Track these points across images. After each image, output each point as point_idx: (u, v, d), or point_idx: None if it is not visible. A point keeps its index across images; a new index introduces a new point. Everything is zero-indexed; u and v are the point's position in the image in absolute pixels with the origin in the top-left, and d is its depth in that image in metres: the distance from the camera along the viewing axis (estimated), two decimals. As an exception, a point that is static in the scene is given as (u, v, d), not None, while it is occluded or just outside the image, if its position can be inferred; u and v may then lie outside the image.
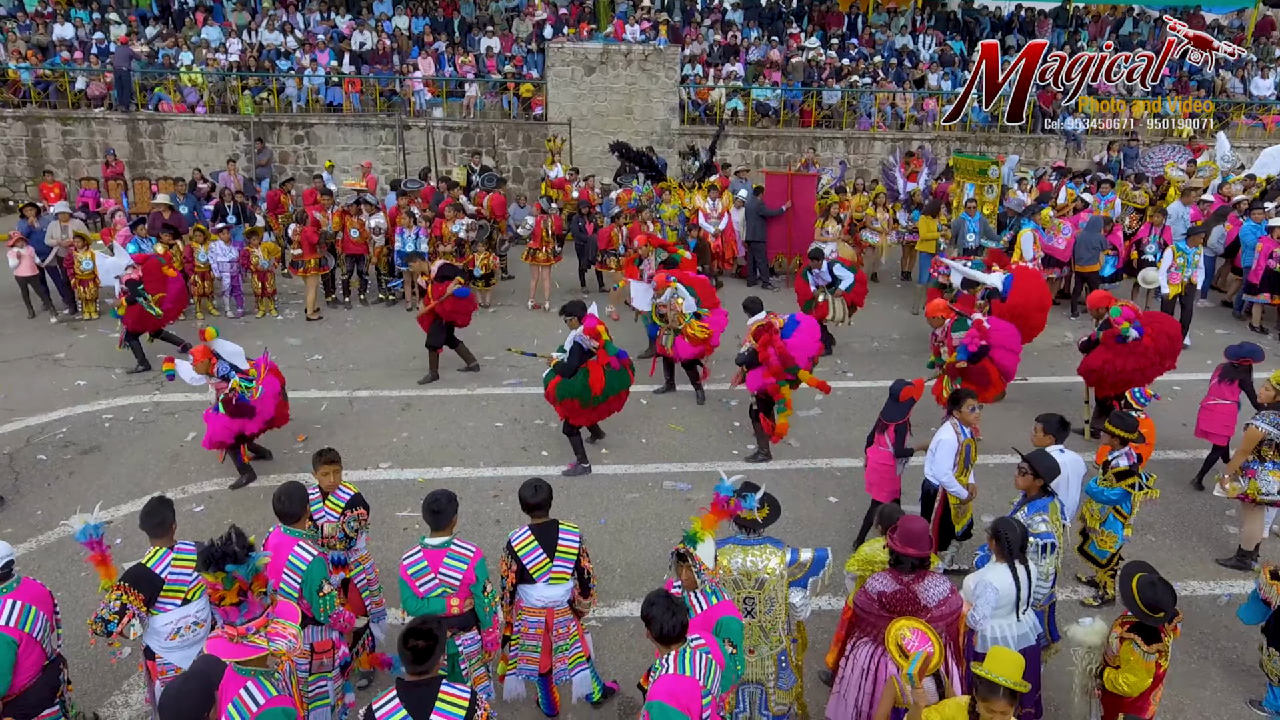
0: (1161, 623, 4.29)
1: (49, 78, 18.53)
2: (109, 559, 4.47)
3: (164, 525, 4.55)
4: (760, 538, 4.57)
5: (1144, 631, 4.32)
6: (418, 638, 3.48)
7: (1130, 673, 4.32)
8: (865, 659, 4.46)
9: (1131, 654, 4.29)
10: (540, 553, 4.78)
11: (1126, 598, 4.35)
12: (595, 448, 8.68)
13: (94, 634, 4.22)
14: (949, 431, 6.02)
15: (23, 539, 7.02)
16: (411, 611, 4.58)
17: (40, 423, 9.05)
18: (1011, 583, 4.50)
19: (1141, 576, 4.34)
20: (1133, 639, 4.30)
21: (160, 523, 4.54)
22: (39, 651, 4.13)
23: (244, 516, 7.30)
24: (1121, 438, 6.14)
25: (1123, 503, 6.13)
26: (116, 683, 5.49)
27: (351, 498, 5.25)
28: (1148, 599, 4.27)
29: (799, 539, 6.61)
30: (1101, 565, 6.30)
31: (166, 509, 4.61)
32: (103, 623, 4.19)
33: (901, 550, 4.41)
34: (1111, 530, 6.18)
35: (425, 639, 3.48)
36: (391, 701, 3.45)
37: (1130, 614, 4.40)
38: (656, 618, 3.68)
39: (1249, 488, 6.59)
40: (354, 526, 5.10)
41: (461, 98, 19.50)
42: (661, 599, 3.74)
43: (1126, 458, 6.13)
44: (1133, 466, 6.14)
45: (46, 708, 4.17)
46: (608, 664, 5.67)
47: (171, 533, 4.59)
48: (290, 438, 8.78)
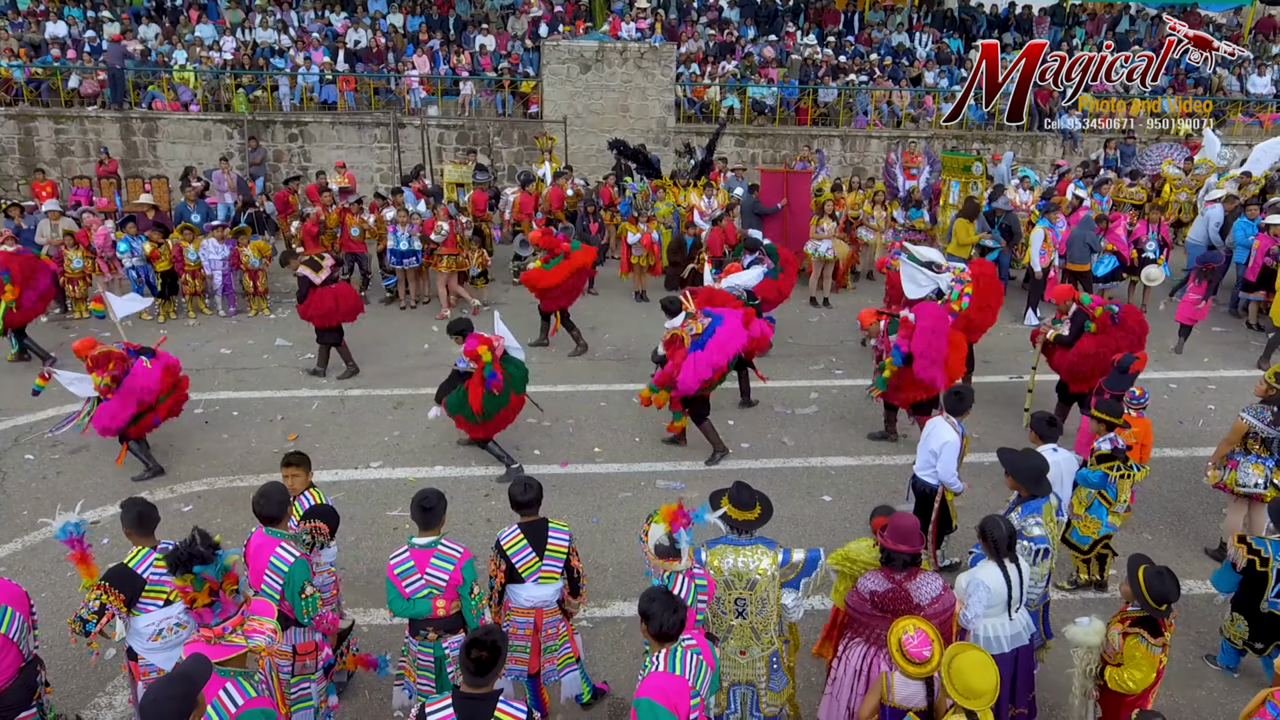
0: (1165, 615, 4.26)
1: (41, 76, 18.43)
2: (90, 558, 4.40)
3: (145, 525, 4.48)
4: (752, 538, 4.50)
5: (1148, 625, 4.29)
6: (480, 649, 3.31)
7: (1136, 669, 4.28)
8: (858, 660, 4.40)
9: (1138, 649, 4.25)
10: (529, 551, 4.71)
11: (1134, 590, 4.32)
12: (588, 446, 8.62)
13: (74, 633, 4.15)
14: (949, 431, 5.96)
15: (8, 539, 6.96)
16: (397, 613, 4.52)
17: (28, 422, 8.98)
18: (1003, 581, 4.45)
19: (1147, 568, 4.32)
20: (1139, 633, 4.26)
21: (142, 522, 4.48)
22: (15, 652, 4.05)
23: (232, 516, 7.24)
24: (1108, 423, 6.20)
25: (1105, 487, 6.13)
26: (100, 684, 5.42)
27: (310, 509, 5.06)
28: (1155, 590, 4.24)
29: (793, 538, 6.55)
30: (1082, 551, 6.29)
31: (148, 508, 4.55)
32: (81, 622, 4.13)
33: (893, 548, 4.36)
34: (1095, 516, 6.18)
35: (489, 650, 3.32)
36: (445, 710, 3.33)
37: (1131, 609, 4.35)
38: (656, 614, 3.61)
39: (1227, 478, 6.64)
40: (305, 540, 4.75)
41: (457, 96, 19.42)
42: (661, 595, 3.68)
43: (1110, 442, 6.17)
44: (1115, 450, 6.16)
45: (24, 710, 4.08)
46: (598, 665, 5.61)
47: (154, 533, 4.53)
48: (281, 436, 8.72)
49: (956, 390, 6.26)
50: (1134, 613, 4.38)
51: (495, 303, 12.89)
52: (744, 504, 4.49)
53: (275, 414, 9.23)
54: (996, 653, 4.58)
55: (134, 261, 11.93)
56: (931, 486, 6.10)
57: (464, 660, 3.34)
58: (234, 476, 7.97)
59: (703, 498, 7.40)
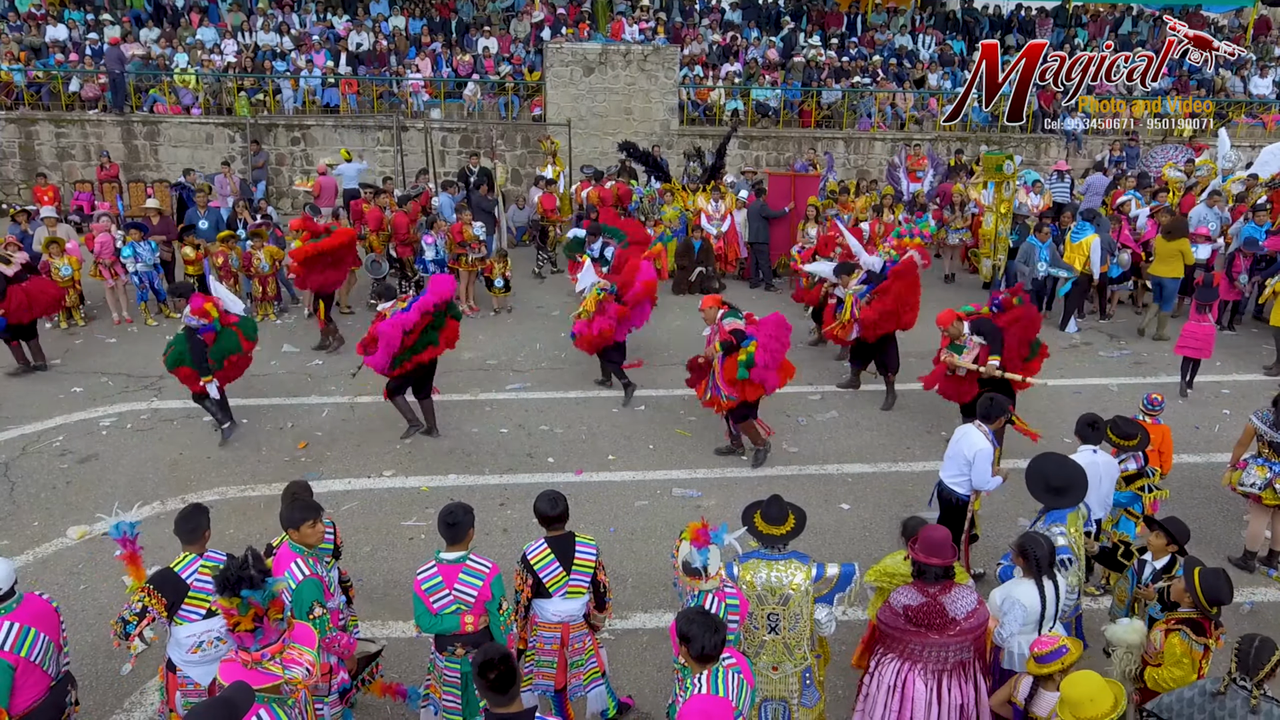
0: (1215, 619, 4.23)
1: (42, 80, 18.33)
2: (139, 559, 4.39)
3: (196, 532, 4.47)
4: (785, 552, 4.44)
5: (1192, 624, 4.28)
6: (491, 669, 3.25)
7: (1176, 667, 4.24)
8: (891, 675, 4.34)
9: (1179, 645, 4.22)
10: (556, 566, 4.64)
11: (1189, 590, 4.30)
12: (602, 454, 8.56)
13: (115, 635, 4.14)
14: (981, 439, 5.89)
15: (19, 551, 6.86)
16: (425, 628, 4.44)
17: (36, 431, 8.89)
18: (1038, 600, 4.39)
19: (1203, 569, 4.31)
20: (1181, 629, 4.22)
21: (193, 529, 4.46)
22: (39, 674, 3.98)
23: (245, 527, 7.17)
24: (1121, 445, 6.11)
25: (1134, 504, 6.20)
26: (118, 700, 5.35)
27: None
28: (1210, 590, 4.22)
29: (812, 547, 6.47)
30: None
31: (201, 515, 4.54)
32: (122, 623, 4.11)
33: (925, 561, 4.29)
34: (1123, 531, 6.18)
35: (500, 666, 3.26)
36: None
37: (1181, 610, 4.32)
38: (696, 636, 3.53)
39: (1231, 477, 6.70)
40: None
41: (460, 99, 19.34)
42: (700, 616, 3.60)
43: (1135, 460, 6.18)
44: (1141, 469, 6.21)
45: (53, 729, 4.02)
46: (621, 678, 5.54)
47: (204, 540, 4.50)
48: (291, 444, 8.64)
49: (990, 397, 6.18)
50: (1181, 614, 4.34)
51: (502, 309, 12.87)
52: (775, 518, 4.43)
53: (285, 421, 9.15)
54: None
55: (138, 267, 11.84)
56: (960, 496, 6.02)
57: (482, 685, 3.29)
58: (245, 486, 7.89)
59: (720, 505, 7.47)
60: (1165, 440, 6.98)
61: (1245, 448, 6.75)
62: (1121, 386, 10.35)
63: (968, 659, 4.33)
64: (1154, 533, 5.01)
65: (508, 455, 8.50)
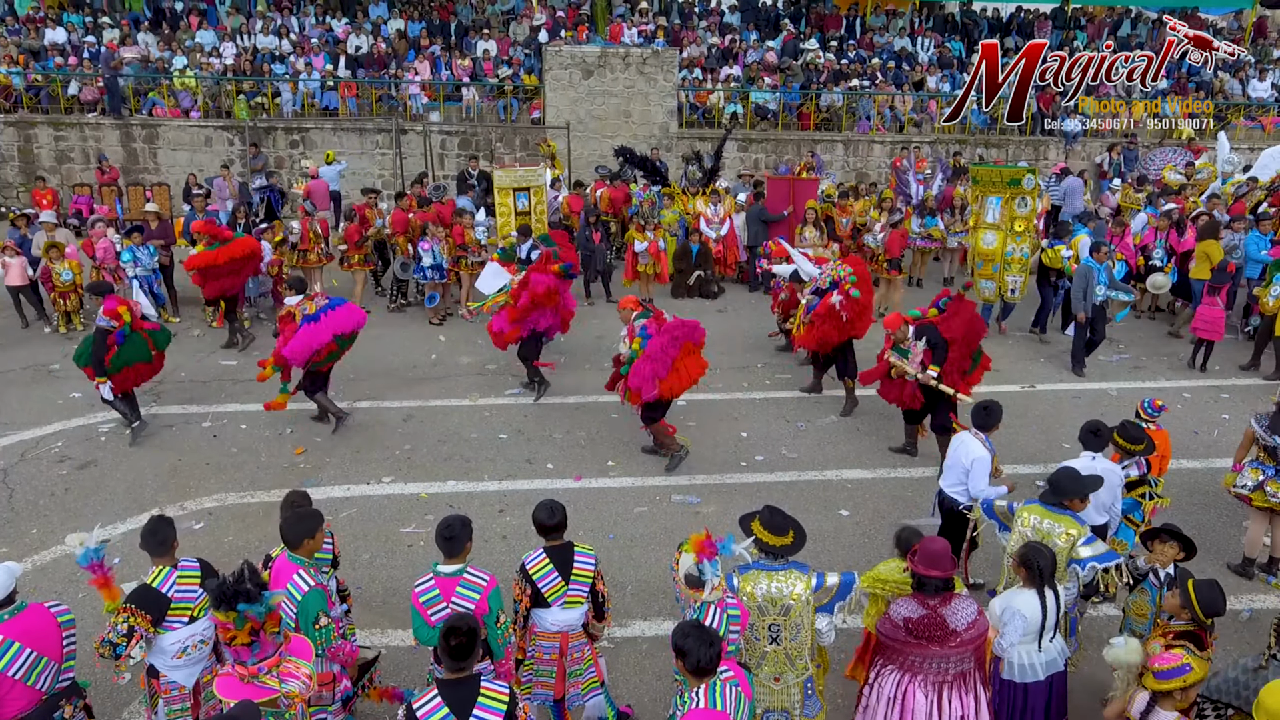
0: (1210, 629, 4.25)
1: (41, 83, 18.32)
2: (112, 581, 4.35)
3: (165, 544, 4.44)
4: (785, 563, 4.43)
5: (1193, 639, 4.26)
6: (458, 635, 3.48)
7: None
8: (891, 687, 4.33)
9: (1197, 665, 4.20)
10: (555, 575, 4.63)
11: (1184, 602, 4.29)
12: (601, 460, 8.55)
13: (100, 657, 4.11)
14: (978, 446, 5.89)
15: (17, 558, 6.83)
16: (423, 641, 4.43)
17: (34, 437, 8.87)
18: (1039, 610, 4.38)
19: (1197, 580, 4.31)
20: (1185, 645, 4.21)
21: (162, 541, 4.43)
22: (21, 689, 3.90)
23: (244, 535, 7.16)
24: (1128, 450, 6.10)
25: (1134, 511, 6.22)
26: (116, 710, 5.33)
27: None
28: (1207, 602, 4.21)
29: (811, 555, 6.47)
30: None
31: (168, 527, 4.50)
32: (110, 646, 4.09)
33: (925, 573, 4.28)
34: (1122, 539, 6.21)
35: (466, 635, 3.49)
36: (433, 700, 3.43)
37: (1175, 623, 4.31)
38: (691, 650, 3.53)
39: (1229, 480, 6.74)
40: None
41: (459, 101, 19.34)
42: (695, 630, 3.60)
43: (1137, 467, 6.19)
44: (1143, 476, 6.24)
45: (42, 746, 3.99)
46: (620, 687, 5.53)
47: (173, 551, 4.48)
48: (290, 450, 8.63)
49: (985, 405, 6.17)
50: (1177, 626, 4.33)
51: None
52: (777, 528, 4.42)
53: (284, 427, 9.14)
54: (1032, 680, 4.53)
55: (138, 271, 11.82)
56: (964, 506, 6.01)
57: (444, 648, 3.49)
58: (245, 493, 7.88)
59: (719, 512, 7.46)
60: (1165, 444, 6.97)
61: (1246, 451, 6.78)
62: (1121, 391, 10.35)
63: (968, 670, 4.32)
64: (1167, 542, 4.99)
65: (506, 461, 8.49)
